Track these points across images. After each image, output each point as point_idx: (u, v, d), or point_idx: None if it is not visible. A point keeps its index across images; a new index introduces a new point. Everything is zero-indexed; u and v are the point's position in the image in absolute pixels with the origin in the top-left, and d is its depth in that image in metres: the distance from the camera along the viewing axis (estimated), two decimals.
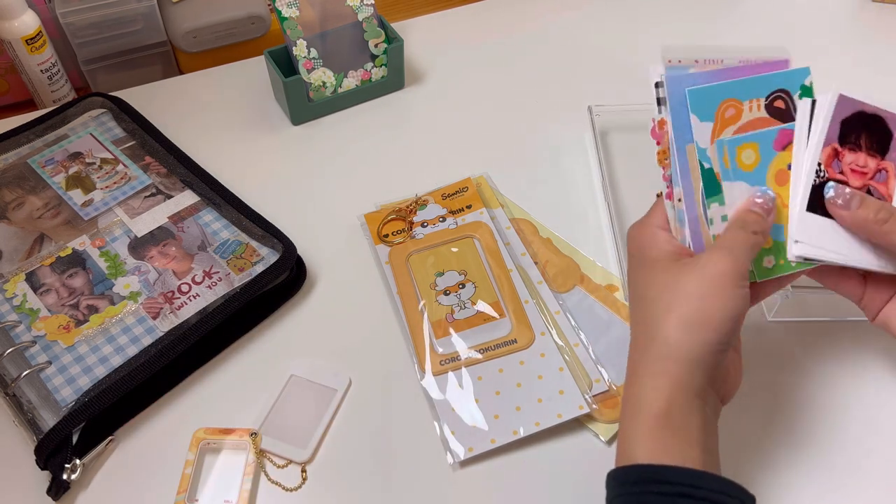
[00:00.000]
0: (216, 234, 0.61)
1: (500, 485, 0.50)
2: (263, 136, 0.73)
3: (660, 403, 0.40)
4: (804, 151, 0.46)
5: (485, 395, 0.53)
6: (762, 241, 0.44)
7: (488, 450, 0.51)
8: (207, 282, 0.58)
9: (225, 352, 0.57)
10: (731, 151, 0.45)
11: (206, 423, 0.53)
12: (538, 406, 0.53)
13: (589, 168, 0.70)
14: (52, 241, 0.61)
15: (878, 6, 0.87)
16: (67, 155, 0.67)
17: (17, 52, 0.71)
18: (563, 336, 0.57)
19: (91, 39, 0.75)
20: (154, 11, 0.75)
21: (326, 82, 0.72)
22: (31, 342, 0.54)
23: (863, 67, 0.73)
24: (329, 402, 0.54)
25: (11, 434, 0.52)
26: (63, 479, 0.48)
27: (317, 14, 0.71)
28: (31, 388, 0.52)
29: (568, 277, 0.61)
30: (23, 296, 0.57)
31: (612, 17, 0.87)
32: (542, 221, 0.65)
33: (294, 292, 0.60)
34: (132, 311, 0.56)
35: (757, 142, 0.46)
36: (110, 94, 0.73)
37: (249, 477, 0.50)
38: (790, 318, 0.59)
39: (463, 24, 0.86)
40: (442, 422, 0.52)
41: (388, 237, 0.63)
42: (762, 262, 0.45)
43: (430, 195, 0.66)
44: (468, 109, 0.76)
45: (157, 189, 0.65)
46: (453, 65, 0.80)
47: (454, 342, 0.56)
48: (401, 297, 0.59)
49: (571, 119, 0.74)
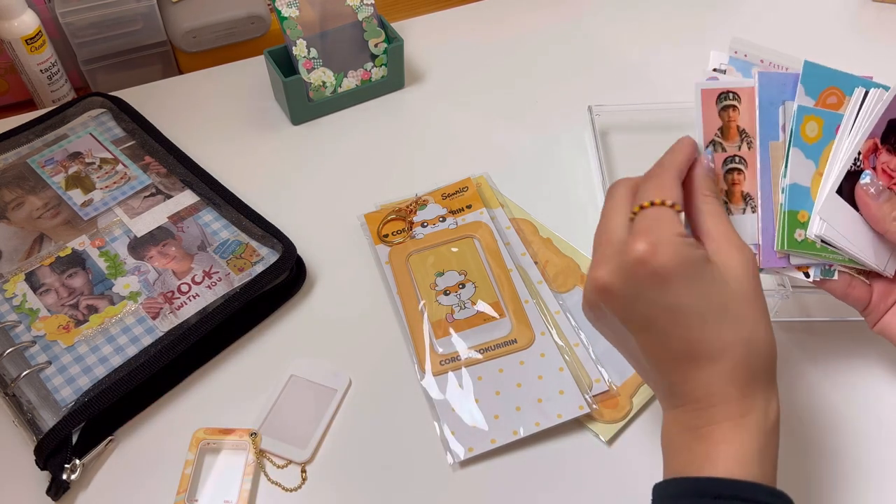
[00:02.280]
0: (216, 234, 0.61)
1: (500, 485, 0.50)
2: (263, 136, 0.73)
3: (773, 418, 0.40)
4: (848, 137, 0.47)
5: (485, 396, 0.53)
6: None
7: (488, 450, 0.51)
8: (207, 282, 0.58)
9: (225, 352, 0.57)
10: (798, 119, 0.47)
11: (206, 423, 0.53)
12: (538, 406, 0.53)
13: (589, 168, 0.70)
14: (51, 241, 0.60)
15: (878, 6, 0.87)
16: (67, 155, 0.67)
17: (17, 51, 0.71)
18: (563, 336, 0.57)
19: (91, 39, 0.75)
20: (154, 11, 0.75)
21: (326, 82, 0.72)
22: (31, 342, 0.54)
23: (863, 67, 0.73)
24: (329, 402, 0.54)
25: (11, 434, 0.52)
26: (63, 480, 0.48)
27: (317, 14, 0.71)
28: (31, 388, 0.52)
29: (568, 277, 0.61)
30: (22, 296, 0.57)
31: (613, 16, 0.87)
32: (542, 221, 0.65)
33: (294, 292, 0.60)
34: (132, 311, 0.56)
35: (823, 118, 0.47)
36: (110, 94, 0.73)
37: (249, 477, 0.50)
38: (790, 318, 0.59)
39: (463, 24, 0.86)
40: (442, 422, 0.52)
41: (388, 237, 0.63)
42: (794, 233, 0.46)
43: (430, 195, 0.66)
44: (468, 109, 0.76)
45: (156, 189, 0.65)
46: (453, 65, 0.80)
47: (454, 342, 0.56)
48: (401, 297, 0.59)
49: (571, 119, 0.74)
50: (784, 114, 0.47)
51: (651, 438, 0.52)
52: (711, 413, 0.39)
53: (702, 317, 0.39)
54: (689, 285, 0.38)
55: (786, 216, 0.46)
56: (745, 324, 0.39)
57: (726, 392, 0.39)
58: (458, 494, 0.50)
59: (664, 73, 0.79)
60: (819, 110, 0.47)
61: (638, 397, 0.54)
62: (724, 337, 0.39)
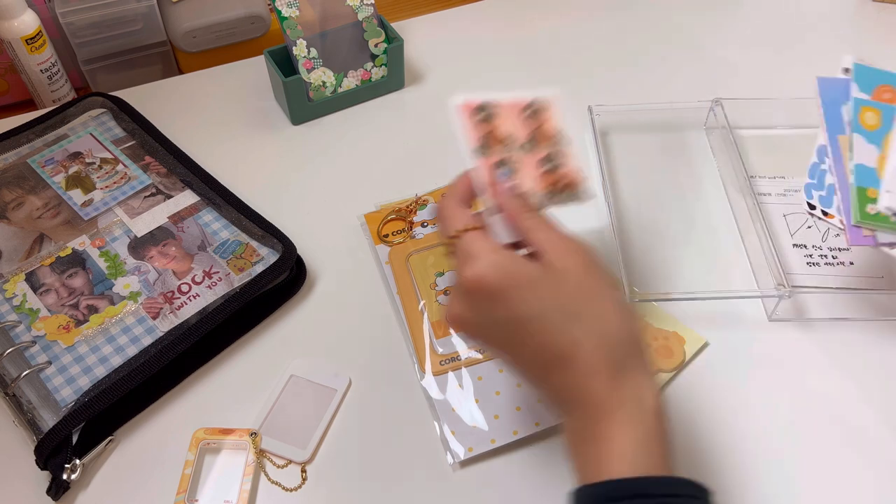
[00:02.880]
0: (216, 234, 0.61)
1: (500, 485, 0.50)
2: (263, 136, 0.73)
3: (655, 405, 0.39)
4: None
5: (485, 396, 0.53)
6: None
7: (488, 450, 0.51)
8: (207, 282, 0.58)
9: (225, 352, 0.57)
10: (855, 109, 0.55)
11: (206, 423, 0.53)
12: (538, 406, 0.53)
13: (589, 168, 0.70)
14: (51, 241, 0.61)
15: (878, 6, 0.87)
16: (67, 155, 0.67)
17: (17, 51, 0.71)
18: None
19: (91, 39, 0.75)
20: (154, 11, 0.75)
21: (326, 82, 0.72)
22: (31, 342, 0.54)
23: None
24: (329, 402, 0.54)
25: (11, 434, 0.52)
26: (63, 479, 0.48)
27: (317, 14, 0.71)
28: (31, 388, 0.52)
29: None
30: (23, 296, 0.57)
31: (612, 16, 0.87)
32: None
33: (294, 292, 0.60)
34: (132, 311, 0.56)
35: (881, 110, 0.56)
36: (110, 94, 0.73)
37: (249, 477, 0.50)
38: (790, 318, 0.59)
39: (463, 24, 0.86)
40: (442, 422, 0.52)
41: (388, 237, 0.63)
42: (865, 207, 0.52)
43: (430, 195, 0.66)
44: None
45: (156, 189, 0.65)
46: (453, 65, 0.80)
47: (454, 342, 0.56)
48: (401, 297, 0.59)
49: (571, 119, 0.74)
50: (846, 112, 0.56)
51: None
52: (589, 413, 0.39)
53: (548, 321, 0.40)
54: (525, 294, 0.40)
55: (856, 192, 0.53)
56: (593, 319, 0.40)
57: (592, 388, 0.39)
58: (458, 494, 0.50)
59: (663, 73, 0.79)
60: (876, 102, 0.56)
61: None
62: (574, 336, 0.39)
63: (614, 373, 0.39)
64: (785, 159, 0.70)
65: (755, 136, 0.72)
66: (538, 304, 0.40)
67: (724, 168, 0.69)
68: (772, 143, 0.72)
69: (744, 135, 0.72)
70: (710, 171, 0.70)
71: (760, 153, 0.71)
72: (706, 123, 0.74)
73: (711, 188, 0.69)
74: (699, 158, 0.71)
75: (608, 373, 0.39)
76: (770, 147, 0.72)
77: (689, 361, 0.56)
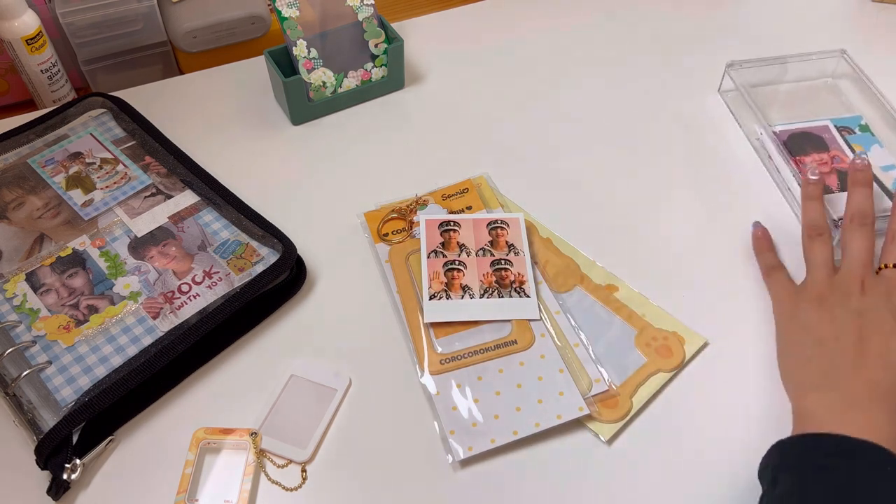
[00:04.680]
0: (216, 234, 0.61)
1: (500, 485, 0.50)
2: (263, 136, 0.73)
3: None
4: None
5: (485, 395, 0.53)
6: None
7: (488, 449, 0.51)
8: (207, 282, 0.58)
9: (225, 352, 0.57)
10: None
11: (206, 423, 0.53)
12: (538, 407, 0.53)
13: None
14: (52, 241, 0.61)
15: (878, 6, 0.87)
16: (67, 155, 0.67)
17: (17, 52, 0.71)
18: (563, 336, 0.57)
19: (91, 39, 0.75)
20: (154, 11, 0.75)
21: (326, 82, 0.72)
22: (31, 342, 0.54)
23: (863, 68, 0.73)
24: (329, 402, 0.54)
25: (11, 434, 0.52)
26: (63, 479, 0.48)
27: (317, 14, 0.71)
28: (31, 388, 0.52)
29: (568, 277, 0.61)
30: (23, 296, 0.57)
31: (612, 17, 0.87)
32: (542, 221, 0.65)
33: (294, 292, 0.60)
34: (132, 311, 0.56)
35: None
36: (110, 94, 0.73)
37: (249, 477, 0.50)
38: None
39: (463, 24, 0.86)
40: (442, 421, 0.52)
41: (388, 236, 0.63)
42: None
43: (430, 195, 0.66)
44: (468, 109, 0.76)
45: (157, 189, 0.65)
46: (453, 65, 0.80)
47: (454, 342, 0.56)
48: (401, 297, 0.59)
49: (572, 118, 0.74)
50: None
51: (651, 438, 0.52)
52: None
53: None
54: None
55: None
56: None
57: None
58: (458, 494, 0.50)
59: (660, 74, 0.79)
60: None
61: (638, 397, 0.54)
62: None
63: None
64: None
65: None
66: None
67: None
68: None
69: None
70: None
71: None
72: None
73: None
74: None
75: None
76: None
77: (688, 361, 0.56)
